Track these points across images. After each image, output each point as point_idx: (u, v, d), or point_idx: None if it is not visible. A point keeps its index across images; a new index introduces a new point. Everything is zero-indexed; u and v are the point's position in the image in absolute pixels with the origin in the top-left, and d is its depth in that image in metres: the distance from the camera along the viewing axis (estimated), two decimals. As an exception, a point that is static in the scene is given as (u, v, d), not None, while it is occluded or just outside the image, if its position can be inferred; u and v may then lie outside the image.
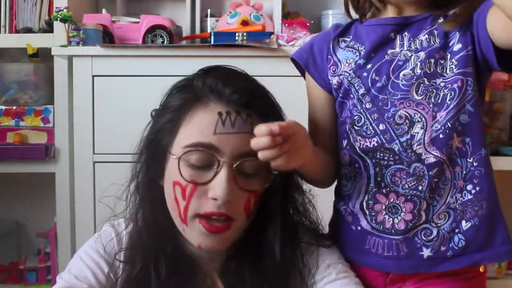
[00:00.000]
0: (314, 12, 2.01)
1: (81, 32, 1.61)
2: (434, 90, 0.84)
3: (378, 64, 0.88)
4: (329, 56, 0.93)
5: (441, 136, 0.83)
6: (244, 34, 1.66)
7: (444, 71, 0.84)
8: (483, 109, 0.90)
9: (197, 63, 1.62)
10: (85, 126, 1.60)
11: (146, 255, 0.84)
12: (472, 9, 0.82)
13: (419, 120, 0.84)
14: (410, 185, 0.85)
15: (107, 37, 1.68)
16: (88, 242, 0.90)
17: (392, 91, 0.86)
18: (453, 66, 0.84)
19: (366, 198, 0.88)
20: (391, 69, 0.87)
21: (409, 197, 0.85)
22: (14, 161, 1.75)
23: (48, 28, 1.82)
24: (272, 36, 1.67)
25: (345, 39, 0.94)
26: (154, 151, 0.87)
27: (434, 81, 0.84)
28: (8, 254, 1.97)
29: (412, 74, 0.85)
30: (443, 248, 0.84)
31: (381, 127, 0.86)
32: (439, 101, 0.84)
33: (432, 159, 0.84)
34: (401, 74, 0.86)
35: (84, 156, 1.60)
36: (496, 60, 0.80)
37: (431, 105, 0.84)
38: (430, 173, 0.84)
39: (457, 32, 0.84)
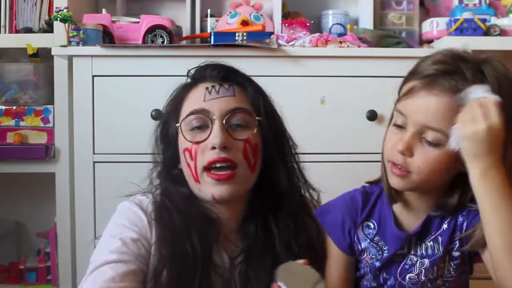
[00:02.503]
0: (314, 12, 2.01)
1: (81, 32, 1.60)
2: None
3: (388, 266, 1.00)
4: (354, 245, 1.03)
5: None
6: (244, 34, 1.66)
7: (443, 272, 0.98)
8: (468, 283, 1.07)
9: (197, 63, 1.62)
10: (85, 126, 1.60)
11: (178, 218, 0.98)
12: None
13: None
14: None
15: (107, 37, 1.68)
16: (115, 219, 1.02)
17: None
18: (451, 269, 0.98)
19: None
20: (398, 272, 0.99)
21: None
22: (14, 161, 1.75)
23: (48, 28, 1.81)
24: (272, 36, 1.67)
25: (370, 224, 1.02)
26: (167, 140, 1.05)
27: (435, 282, 0.98)
28: (8, 254, 1.97)
29: (417, 279, 0.98)
30: None
31: None
32: None
33: None
34: (407, 277, 0.99)
35: (84, 156, 1.60)
36: None
37: None
38: None
39: (457, 241, 0.96)
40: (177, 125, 1.01)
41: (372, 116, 1.59)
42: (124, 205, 1.03)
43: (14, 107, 1.79)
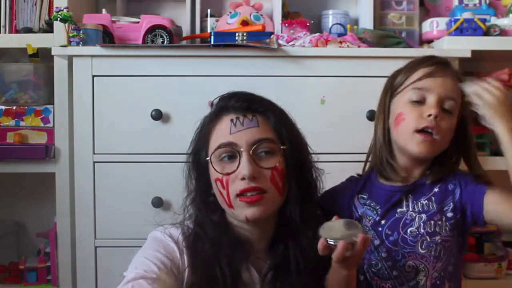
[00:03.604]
0: (314, 12, 2.01)
1: (81, 32, 1.61)
2: (433, 245, 1.15)
3: (390, 221, 1.18)
4: (353, 213, 1.23)
5: (438, 282, 1.15)
6: (244, 34, 1.66)
7: (441, 230, 1.15)
8: (462, 262, 1.25)
9: (197, 63, 1.63)
10: (85, 126, 1.60)
11: (209, 246, 1.07)
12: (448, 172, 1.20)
13: (423, 269, 1.15)
14: None
15: (107, 37, 1.68)
16: (147, 245, 1.10)
17: (402, 245, 1.16)
18: (447, 228, 1.15)
19: None
20: (401, 225, 1.17)
21: None
22: (14, 161, 1.75)
23: (48, 28, 1.81)
24: (272, 36, 1.67)
25: (363, 196, 1.24)
26: (199, 170, 1.13)
27: (434, 238, 1.15)
28: (8, 254, 1.97)
29: (417, 232, 1.16)
30: None
31: (394, 273, 1.17)
32: (437, 254, 1.15)
33: None
34: (408, 231, 1.16)
35: (84, 156, 1.60)
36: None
37: (431, 258, 1.14)
38: None
39: (451, 203, 1.16)
40: (207, 158, 1.09)
41: (372, 116, 1.58)
42: (157, 235, 1.11)
43: (14, 107, 1.79)
